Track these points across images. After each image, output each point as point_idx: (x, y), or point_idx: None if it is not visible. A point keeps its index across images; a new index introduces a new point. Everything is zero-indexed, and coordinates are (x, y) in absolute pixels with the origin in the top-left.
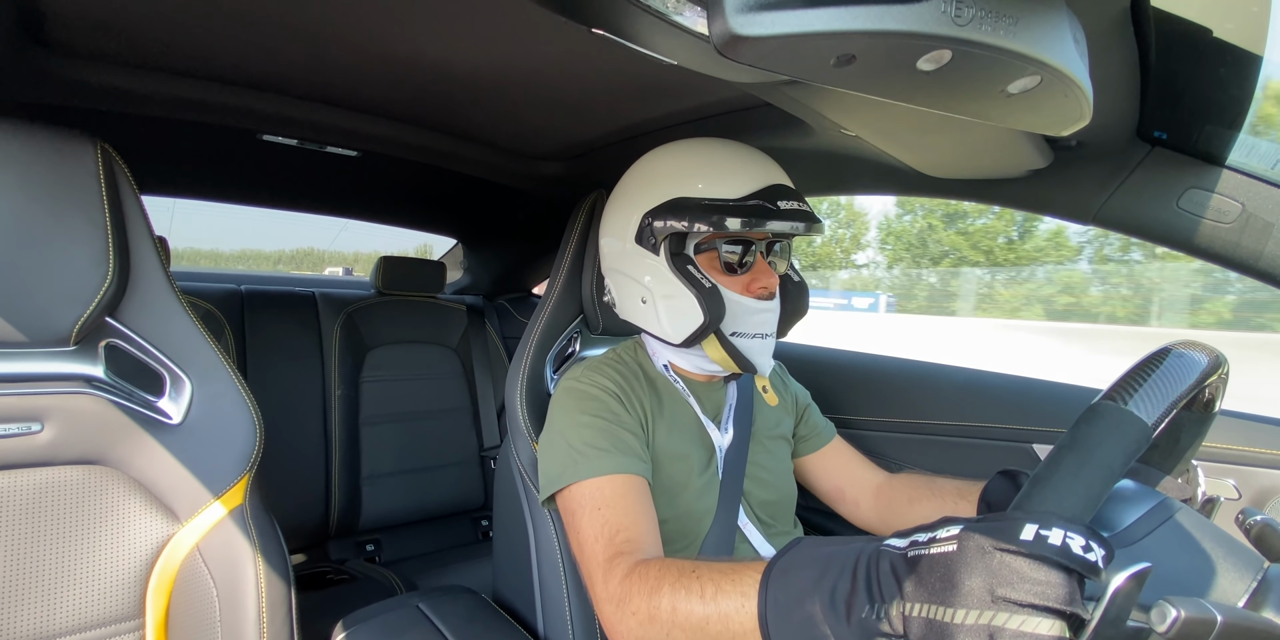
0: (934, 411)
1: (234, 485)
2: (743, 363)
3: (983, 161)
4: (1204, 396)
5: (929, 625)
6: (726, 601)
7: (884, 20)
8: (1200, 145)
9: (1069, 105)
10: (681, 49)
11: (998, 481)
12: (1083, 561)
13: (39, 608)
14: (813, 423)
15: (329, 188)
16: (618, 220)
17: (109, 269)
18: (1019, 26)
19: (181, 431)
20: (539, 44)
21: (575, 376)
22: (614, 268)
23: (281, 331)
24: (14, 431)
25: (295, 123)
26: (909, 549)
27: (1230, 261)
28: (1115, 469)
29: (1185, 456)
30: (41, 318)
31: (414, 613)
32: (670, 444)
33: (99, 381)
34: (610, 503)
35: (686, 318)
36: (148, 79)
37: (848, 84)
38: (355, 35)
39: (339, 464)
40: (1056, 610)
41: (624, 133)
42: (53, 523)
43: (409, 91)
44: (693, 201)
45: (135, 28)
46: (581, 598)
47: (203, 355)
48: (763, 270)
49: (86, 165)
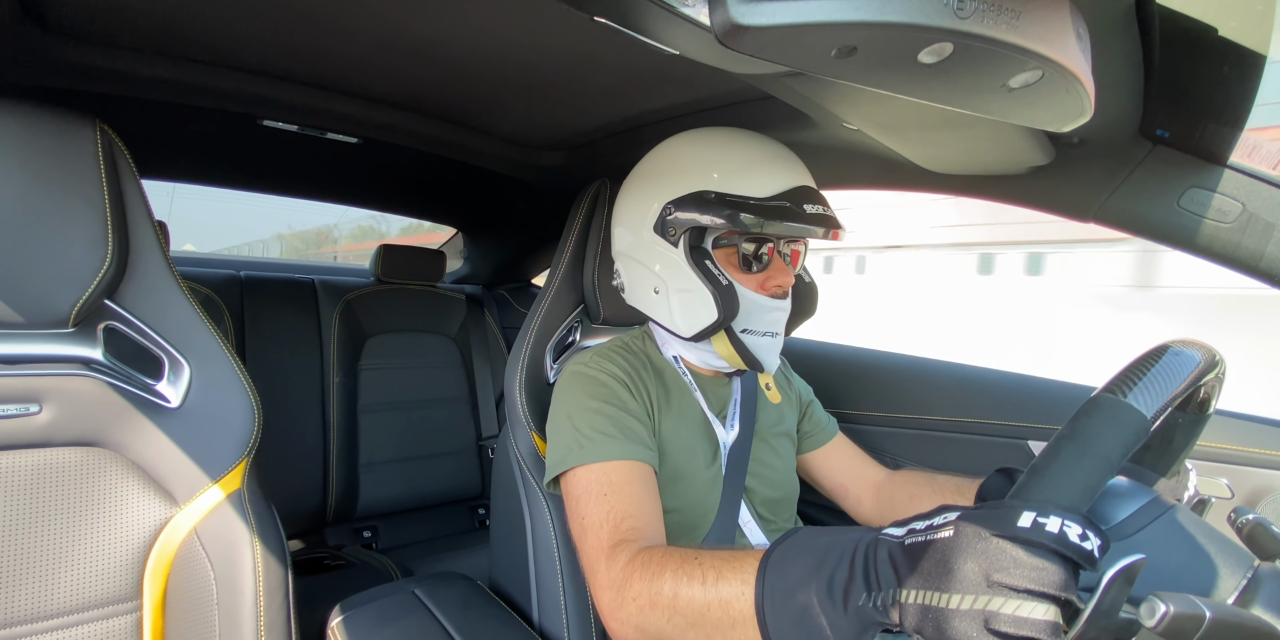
0: (931, 407)
1: (232, 469)
2: (750, 360)
3: (984, 157)
4: (1200, 395)
5: (924, 611)
6: (727, 588)
7: (885, 11)
8: (1202, 144)
9: (1071, 101)
10: (683, 38)
11: (995, 479)
12: (1078, 549)
13: (36, 589)
14: (816, 419)
15: (329, 174)
16: (634, 207)
17: (108, 251)
18: (1021, 20)
19: (180, 415)
20: (541, 32)
21: (583, 362)
22: (626, 254)
23: (280, 318)
24: (12, 412)
25: (296, 108)
26: (906, 537)
27: (1231, 261)
28: (1113, 460)
29: (1179, 458)
30: (40, 299)
31: (410, 598)
32: (676, 434)
33: (97, 364)
34: (616, 489)
35: (700, 313)
36: (149, 62)
37: (849, 76)
38: (358, 21)
39: (337, 451)
40: (1051, 596)
41: (626, 123)
42: (50, 504)
43: (411, 79)
44: (718, 196)
45: (136, 10)
46: (576, 585)
47: (202, 340)
48: (779, 269)
49: (86, 147)
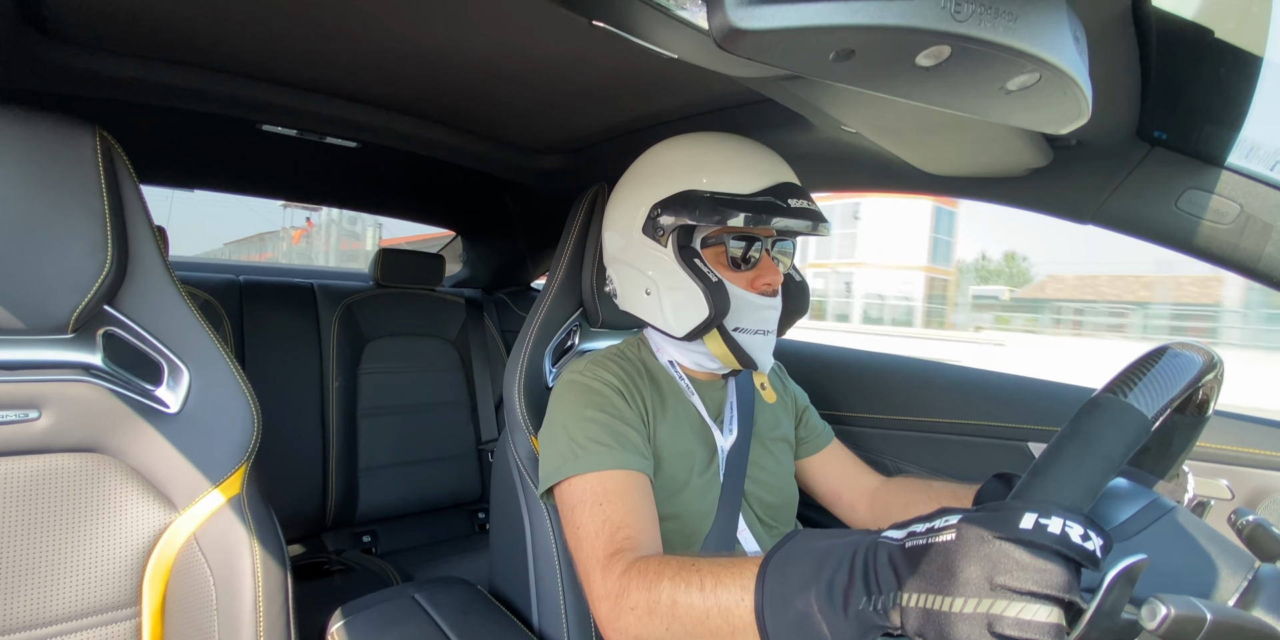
0: (929, 409)
1: (231, 474)
2: (744, 358)
3: (982, 159)
4: (1199, 397)
5: (926, 615)
6: (726, 594)
7: (883, 15)
8: (1200, 146)
9: (1068, 103)
10: (681, 42)
11: (992, 484)
12: (1081, 550)
13: (36, 595)
14: (811, 425)
15: (328, 179)
16: (624, 211)
17: (107, 257)
18: (1018, 23)
19: (179, 420)
20: (540, 37)
21: (578, 370)
22: (617, 258)
23: (279, 322)
24: (11, 418)
25: (295, 113)
26: (906, 539)
27: (1229, 262)
28: (1115, 460)
29: (1178, 461)
30: (39, 305)
31: (410, 603)
32: (672, 441)
33: (97, 369)
34: (611, 499)
35: (691, 311)
36: (147, 68)
37: (847, 79)
38: (355, 26)
39: (336, 455)
40: (1054, 598)
41: (624, 127)
42: (49, 510)
43: (409, 83)
44: (703, 195)
45: (136, 16)
46: (576, 590)
47: (201, 345)
48: (768, 267)
49: (85, 153)
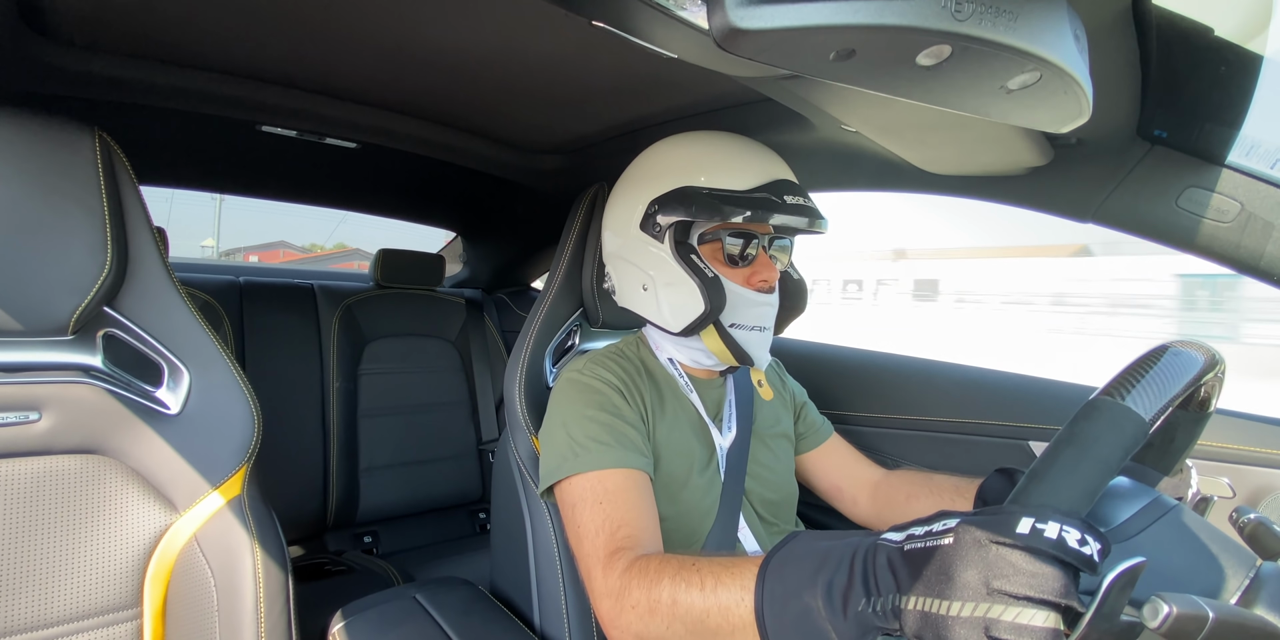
0: (930, 408)
1: (232, 476)
2: (740, 355)
3: (983, 158)
4: (1200, 395)
5: (924, 618)
6: (726, 594)
7: (883, 14)
8: (1200, 144)
9: (1069, 102)
10: (682, 42)
11: (994, 479)
12: (1078, 555)
13: (37, 596)
14: (810, 420)
15: (328, 179)
16: (622, 208)
17: (107, 258)
18: (1019, 22)
19: (180, 422)
20: (540, 37)
21: (577, 369)
22: (616, 255)
23: (280, 323)
24: (12, 420)
25: (294, 114)
26: (905, 542)
27: (1230, 261)
28: (1112, 464)
29: (1180, 456)
30: (39, 307)
31: (411, 604)
32: (671, 439)
33: (97, 371)
34: (612, 497)
35: (687, 306)
36: (146, 69)
37: (847, 79)
38: (355, 26)
39: (337, 456)
40: (1051, 603)
41: (624, 127)
42: (50, 511)
43: (409, 84)
44: (700, 191)
45: (135, 17)
46: (578, 590)
47: (201, 346)
48: (764, 264)
49: (84, 154)
